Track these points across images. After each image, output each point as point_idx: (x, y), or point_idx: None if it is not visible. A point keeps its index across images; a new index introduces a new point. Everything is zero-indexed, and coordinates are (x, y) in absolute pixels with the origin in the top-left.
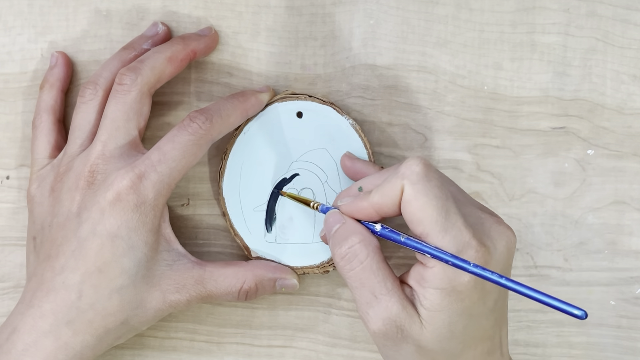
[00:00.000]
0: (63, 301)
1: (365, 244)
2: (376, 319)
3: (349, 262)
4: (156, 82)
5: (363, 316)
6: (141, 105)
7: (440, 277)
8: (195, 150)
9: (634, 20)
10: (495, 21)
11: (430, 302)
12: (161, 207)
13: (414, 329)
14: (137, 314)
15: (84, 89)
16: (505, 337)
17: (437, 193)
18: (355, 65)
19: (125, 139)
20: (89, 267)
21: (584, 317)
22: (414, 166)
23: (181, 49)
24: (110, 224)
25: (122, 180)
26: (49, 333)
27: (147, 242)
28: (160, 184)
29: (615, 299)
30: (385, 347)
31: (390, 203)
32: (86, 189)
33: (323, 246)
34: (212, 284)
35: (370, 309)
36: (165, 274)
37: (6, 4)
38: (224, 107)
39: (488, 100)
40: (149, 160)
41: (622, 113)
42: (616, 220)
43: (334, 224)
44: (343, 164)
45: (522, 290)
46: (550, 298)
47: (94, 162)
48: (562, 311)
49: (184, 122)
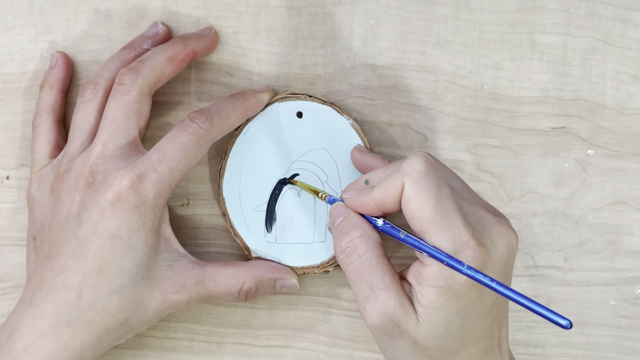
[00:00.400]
0: (63, 301)
1: (365, 239)
2: (373, 314)
3: (348, 256)
4: (156, 82)
5: (361, 310)
6: (141, 105)
7: (437, 275)
8: (196, 151)
9: (634, 20)
10: (495, 21)
11: (426, 299)
12: (161, 207)
13: (410, 325)
14: (137, 314)
15: (84, 89)
16: (505, 336)
17: (436, 191)
18: (355, 65)
19: (125, 139)
20: (89, 268)
21: (569, 327)
22: (416, 164)
23: (181, 49)
24: (110, 224)
25: (122, 180)
26: (48, 333)
27: (147, 242)
28: (161, 184)
29: (615, 299)
30: (382, 341)
31: (392, 199)
32: (86, 189)
33: (323, 246)
34: (212, 284)
35: (368, 303)
36: (165, 274)
37: (6, 4)
38: (224, 107)
39: (488, 100)
40: (149, 161)
41: (622, 113)
42: (616, 220)
43: (337, 217)
44: (353, 156)
45: (511, 296)
46: (538, 305)
47: (94, 162)
48: (548, 319)
49: (184, 122)
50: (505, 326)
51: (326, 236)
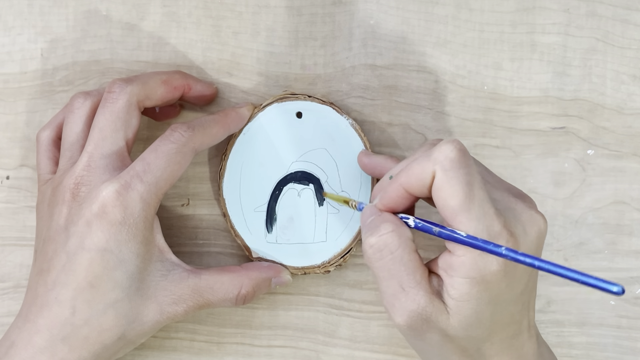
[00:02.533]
0: (57, 317)
1: (398, 234)
2: (402, 312)
3: (379, 251)
4: (145, 97)
5: (388, 308)
6: (129, 116)
7: (469, 266)
8: (179, 159)
9: (634, 20)
10: (495, 21)
11: (457, 291)
12: (151, 218)
13: (441, 320)
14: (133, 327)
15: (72, 99)
16: (533, 317)
17: (470, 180)
18: (355, 65)
19: (112, 149)
20: (80, 282)
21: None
22: (449, 152)
23: (178, 77)
24: (98, 238)
25: (107, 192)
26: (44, 349)
27: (138, 253)
28: (148, 194)
29: (615, 299)
30: (409, 336)
31: (421, 185)
32: (72, 201)
33: (324, 246)
34: (209, 292)
35: (397, 301)
36: (160, 285)
37: (6, 4)
38: (205, 119)
39: (488, 100)
40: (134, 171)
41: (622, 113)
42: (616, 220)
43: (369, 217)
44: (360, 161)
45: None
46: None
47: (79, 174)
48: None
49: (166, 133)
50: (533, 308)
51: (326, 236)
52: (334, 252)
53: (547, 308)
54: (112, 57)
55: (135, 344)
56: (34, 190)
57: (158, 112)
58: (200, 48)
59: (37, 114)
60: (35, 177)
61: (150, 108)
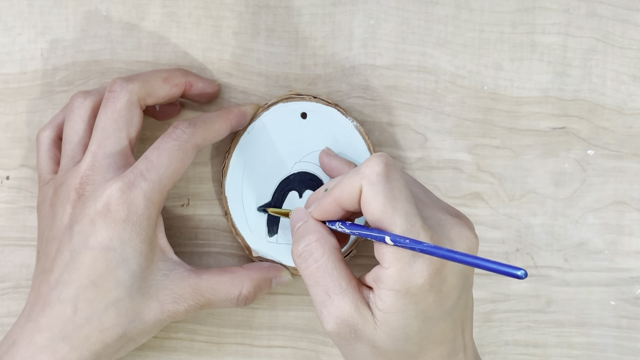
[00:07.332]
0: (59, 316)
1: (321, 243)
2: (329, 318)
3: (304, 260)
4: (147, 95)
5: (318, 315)
6: (131, 115)
7: (395, 278)
8: (182, 156)
9: (634, 20)
10: (495, 21)
11: (384, 303)
12: (155, 216)
13: (368, 330)
14: (135, 326)
15: (73, 98)
16: (470, 338)
17: (396, 194)
18: (355, 65)
19: (115, 148)
20: (83, 281)
21: (523, 277)
22: (375, 166)
23: (179, 75)
24: (102, 236)
25: (111, 190)
26: (45, 348)
27: (141, 253)
28: (152, 192)
29: (615, 299)
30: (341, 345)
31: (351, 199)
32: (77, 200)
33: None
34: (210, 292)
35: (324, 308)
36: (161, 284)
37: (6, 4)
38: (207, 116)
39: (488, 100)
40: (137, 170)
41: (622, 113)
42: (616, 221)
43: (297, 222)
44: (320, 159)
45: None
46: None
47: (84, 174)
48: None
49: (168, 130)
50: (469, 328)
51: None
52: None
53: (547, 308)
54: (112, 57)
55: (137, 343)
56: (34, 190)
57: (159, 111)
58: (200, 48)
59: (37, 114)
60: (35, 178)
61: (151, 107)
